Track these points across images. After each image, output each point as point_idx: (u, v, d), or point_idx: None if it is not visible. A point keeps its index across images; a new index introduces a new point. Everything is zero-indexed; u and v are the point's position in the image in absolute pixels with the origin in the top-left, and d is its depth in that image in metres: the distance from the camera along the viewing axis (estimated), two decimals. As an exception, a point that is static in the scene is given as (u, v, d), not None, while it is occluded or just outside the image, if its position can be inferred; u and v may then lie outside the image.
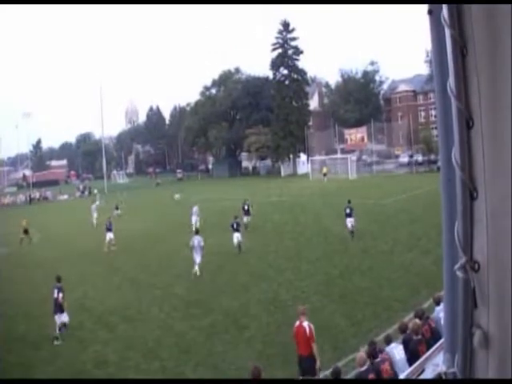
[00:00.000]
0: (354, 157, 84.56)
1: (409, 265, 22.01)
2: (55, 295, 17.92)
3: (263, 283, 22.41)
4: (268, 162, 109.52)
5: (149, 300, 21.62)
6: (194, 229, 34.29)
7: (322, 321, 16.91)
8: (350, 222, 30.43)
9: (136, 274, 26.68)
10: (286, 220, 39.54)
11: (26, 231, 41.03)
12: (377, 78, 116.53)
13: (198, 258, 25.09)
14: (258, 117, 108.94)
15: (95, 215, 47.23)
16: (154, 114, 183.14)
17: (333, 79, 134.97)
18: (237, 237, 29.53)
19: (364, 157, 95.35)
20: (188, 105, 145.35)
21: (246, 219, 37.03)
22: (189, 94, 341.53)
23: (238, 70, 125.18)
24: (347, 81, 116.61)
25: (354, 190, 49.08)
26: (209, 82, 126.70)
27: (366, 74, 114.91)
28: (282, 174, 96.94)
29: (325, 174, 70.13)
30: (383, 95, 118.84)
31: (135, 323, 18.92)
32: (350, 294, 19.62)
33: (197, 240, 25.48)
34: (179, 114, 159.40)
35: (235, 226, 29.76)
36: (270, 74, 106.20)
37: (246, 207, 37.62)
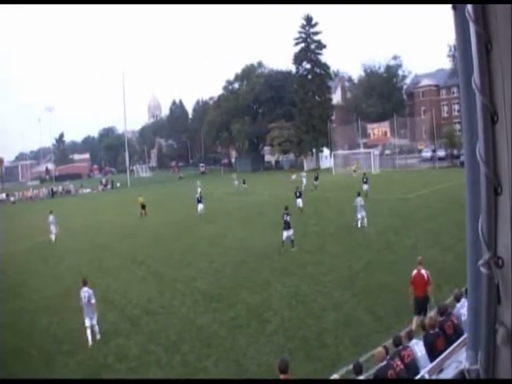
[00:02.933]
0: (376, 151, 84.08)
1: (431, 260, 21.73)
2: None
3: (285, 278, 22.34)
4: (291, 156, 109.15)
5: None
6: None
7: (344, 315, 16.90)
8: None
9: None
10: (310, 213, 39.37)
11: (143, 206, 47.79)
12: (400, 72, 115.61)
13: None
14: (280, 111, 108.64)
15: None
16: (177, 108, 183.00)
17: (355, 74, 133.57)
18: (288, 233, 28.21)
19: (387, 151, 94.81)
20: (211, 99, 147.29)
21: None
22: (212, 89, 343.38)
23: (260, 64, 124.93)
24: (370, 75, 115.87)
25: (376, 185, 48.63)
26: (232, 77, 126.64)
27: (388, 68, 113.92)
28: (305, 168, 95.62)
29: (355, 171, 68.96)
30: (406, 90, 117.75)
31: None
32: (372, 289, 19.51)
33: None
34: (202, 108, 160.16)
35: (286, 218, 28.45)
36: (292, 69, 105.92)
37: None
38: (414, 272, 15.60)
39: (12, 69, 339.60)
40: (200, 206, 44.44)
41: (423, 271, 15.43)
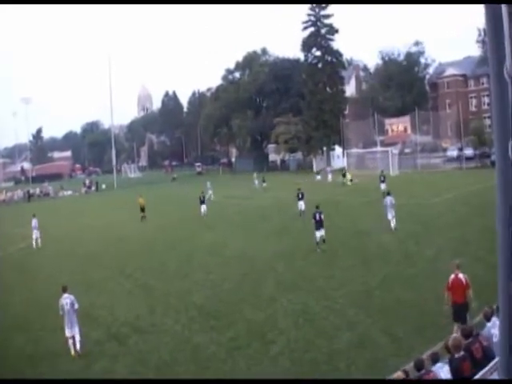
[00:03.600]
0: (395, 150, 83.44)
1: None
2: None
3: (291, 293, 22.29)
4: (298, 155, 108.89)
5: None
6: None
7: (358, 336, 16.81)
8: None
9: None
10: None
11: (142, 209, 48.88)
12: (422, 60, 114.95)
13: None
14: (287, 104, 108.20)
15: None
16: (170, 100, 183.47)
17: (372, 62, 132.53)
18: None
19: (407, 150, 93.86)
20: (208, 90, 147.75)
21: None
22: (209, 79, 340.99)
23: (264, 52, 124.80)
24: (388, 64, 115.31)
25: (395, 188, 47.65)
26: (232, 65, 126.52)
27: (409, 55, 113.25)
28: (315, 168, 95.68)
29: (351, 180, 66.81)
30: (429, 80, 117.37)
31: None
32: (390, 307, 19.38)
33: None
34: (198, 100, 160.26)
35: (319, 217, 30.18)
36: (300, 56, 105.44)
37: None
38: (452, 277, 16.18)
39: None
40: (203, 208, 46.75)
41: (461, 275, 16.07)
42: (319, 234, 29.43)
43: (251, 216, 45.77)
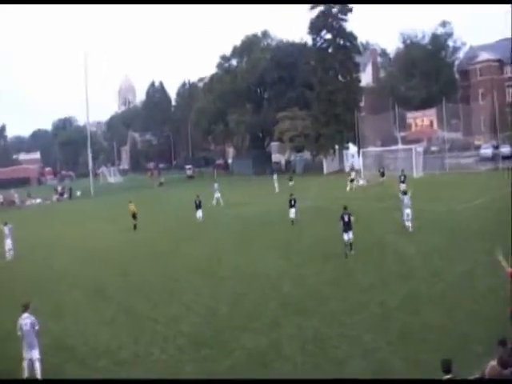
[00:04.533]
0: (419, 148, 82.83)
1: (493, 293, 21.32)
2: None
3: (299, 317, 22.21)
4: (306, 155, 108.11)
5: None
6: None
7: (377, 365, 16.79)
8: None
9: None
10: (330, 230, 38.07)
11: (134, 216, 49.50)
12: (450, 43, 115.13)
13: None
14: (292, 95, 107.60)
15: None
16: (156, 92, 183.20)
17: (391, 46, 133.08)
18: None
19: (433, 148, 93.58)
20: (201, 80, 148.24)
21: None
22: (202, 67, 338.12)
23: (266, 35, 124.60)
24: (410, 48, 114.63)
25: (419, 192, 47.67)
26: (228, 51, 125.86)
27: (435, 38, 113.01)
28: (325, 170, 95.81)
29: (352, 180, 67.73)
30: (458, 66, 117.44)
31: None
32: (412, 331, 19.28)
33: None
34: (189, 92, 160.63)
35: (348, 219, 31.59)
36: (308, 40, 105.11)
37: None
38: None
39: None
40: (199, 213, 48.95)
41: None
42: (347, 237, 30.96)
43: (252, 224, 46.07)
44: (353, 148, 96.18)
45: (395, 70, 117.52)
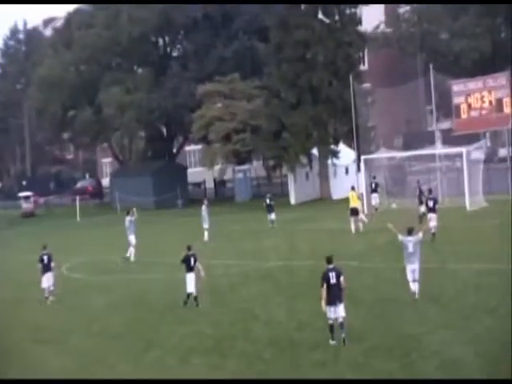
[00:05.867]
0: (477, 152, 57.90)
1: None
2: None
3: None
4: (254, 166, 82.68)
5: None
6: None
7: None
8: None
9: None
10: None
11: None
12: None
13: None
14: (227, 51, 77.12)
15: None
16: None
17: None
18: None
19: (503, 151, 68.17)
20: (48, 23, 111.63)
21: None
22: (50, 5, 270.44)
23: None
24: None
25: (469, 234, 37.29)
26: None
27: None
28: (293, 198, 67.83)
29: (355, 212, 47.07)
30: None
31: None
32: None
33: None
34: (26, 46, 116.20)
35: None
36: None
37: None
38: None
39: None
40: (46, 282, 35.43)
41: None
42: (334, 313, 22.63)
43: (140, 318, 28.93)
44: (347, 154, 68.61)
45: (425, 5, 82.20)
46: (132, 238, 44.11)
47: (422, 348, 20.14)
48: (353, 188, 51.19)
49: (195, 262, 30.15)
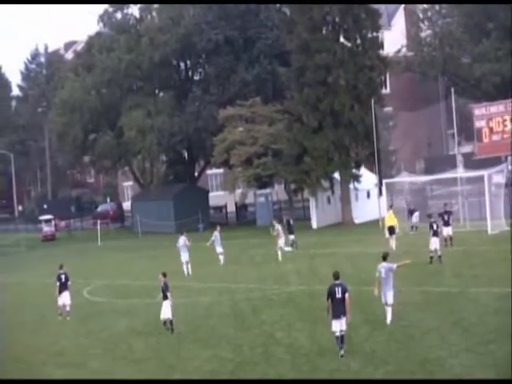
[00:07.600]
0: (498, 176, 57.92)
1: None
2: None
3: None
4: (274, 190, 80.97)
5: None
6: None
7: None
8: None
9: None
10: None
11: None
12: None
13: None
14: (248, 76, 75.93)
15: None
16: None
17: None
18: None
19: None
20: (69, 47, 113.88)
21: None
22: (71, 27, 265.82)
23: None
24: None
25: (492, 266, 34.85)
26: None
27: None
28: (315, 224, 67.26)
29: (392, 231, 48.01)
30: None
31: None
32: None
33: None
34: (46, 70, 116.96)
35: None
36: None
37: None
38: None
39: None
40: (63, 299, 37.00)
41: None
42: (338, 326, 23.53)
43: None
44: (369, 177, 69.16)
45: (449, 22, 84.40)
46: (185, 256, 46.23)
47: (443, 372, 19.92)
48: (391, 206, 52.51)
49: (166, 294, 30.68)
